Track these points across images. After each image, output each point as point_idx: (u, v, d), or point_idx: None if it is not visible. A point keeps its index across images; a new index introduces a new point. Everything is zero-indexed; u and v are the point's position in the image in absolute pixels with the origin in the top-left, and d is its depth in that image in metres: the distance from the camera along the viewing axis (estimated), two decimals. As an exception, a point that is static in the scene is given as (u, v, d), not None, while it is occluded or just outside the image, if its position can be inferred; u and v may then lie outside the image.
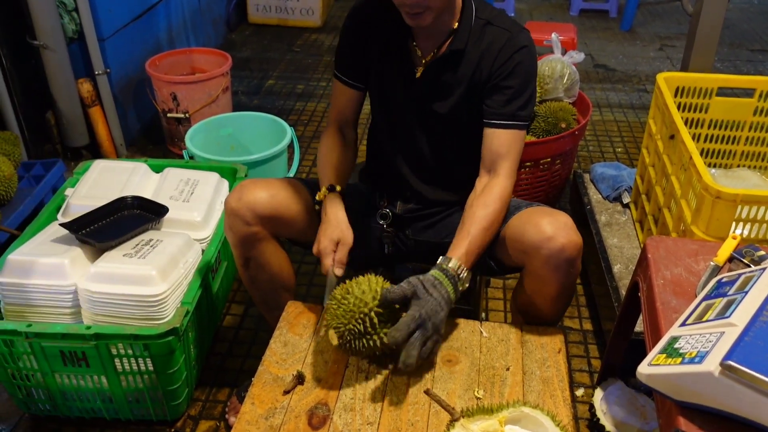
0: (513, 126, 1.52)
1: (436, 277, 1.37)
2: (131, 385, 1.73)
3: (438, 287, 1.35)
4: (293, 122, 3.45)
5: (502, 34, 1.51)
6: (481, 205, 1.50)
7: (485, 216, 1.48)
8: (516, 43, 1.50)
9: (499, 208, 1.51)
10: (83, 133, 2.96)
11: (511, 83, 1.50)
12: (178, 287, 1.74)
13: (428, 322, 1.30)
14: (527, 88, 1.52)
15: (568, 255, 1.42)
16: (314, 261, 2.47)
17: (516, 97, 1.51)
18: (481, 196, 1.52)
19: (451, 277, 1.39)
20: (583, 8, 5.23)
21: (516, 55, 1.49)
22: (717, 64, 4.31)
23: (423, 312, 1.30)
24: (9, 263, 1.72)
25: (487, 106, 1.53)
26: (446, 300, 1.35)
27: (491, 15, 1.54)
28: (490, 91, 1.52)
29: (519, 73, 1.50)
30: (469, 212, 1.51)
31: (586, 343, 2.15)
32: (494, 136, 1.52)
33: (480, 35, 1.52)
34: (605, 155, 3.23)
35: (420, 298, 1.32)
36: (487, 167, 1.55)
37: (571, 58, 2.67)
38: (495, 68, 1.50)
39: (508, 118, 1.51)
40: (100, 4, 2.83)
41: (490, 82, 1.52)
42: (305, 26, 4.77)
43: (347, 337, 1.33)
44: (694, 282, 1.34)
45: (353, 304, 1.32)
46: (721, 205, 1.61)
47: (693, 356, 1.02)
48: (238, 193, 1.56)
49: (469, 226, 1.47)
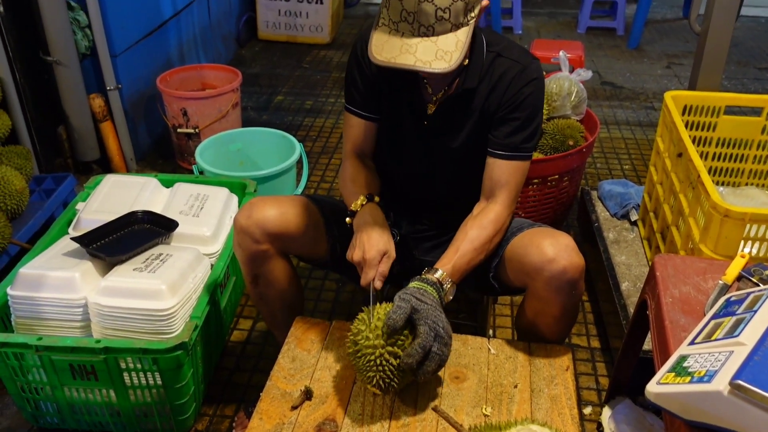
0: (515, 157, 1.52)
1: (419, 287, 1.37)
2: (139, 399, 1.73)
3: (426, 295, 1.35)
4: (302, 138, 3.48)
5: (513, 66, 1.50)
6: (475, 226, 1.51)
7: (477, 237, 1.49)
8: (526, 76, 1.49)
9: (492, 233, 1.51)
10: (94, 147, 2.99)
11: (519, 115, 1.50)
12: (187, 302, 1.75)
13: (439, 329, 1.31)
14: (534, 120, 1.52)
15: (570, 277, 1.42)
16: (321, 277, 2.49)
17: (521, 129, 1.51)
18: (476, 218, 1.53)
19: (433, 284, 1.39)
20: (591, 26, 5.26)
21: (526, 87, 1.49)
22: (724, 82, 4.32)
23: (430, 322, 1.30)
24: (20, 277, 1.73)
25: (492, 136, 1.53)
26: (438, 304, 1.36)
27: (501, 47, 1.52)
28: (497, 122, 1.52)
29: (527, 106, 1.50)
30: (461, 230, 1.52)
31: (594, 360, 2.14)
32: (495, 165, 1.53)
33: (490, 68, 1.51)
34: (613, 172, 3.24)
35: (419, 310, 1.32)
36: (486, 194, 1.56)
37: (578, 76, 2.69)
38: (504, 100, 1.50)
39: (511, 149, 1.52)
40: (112, 21, 2.87)
41: (498, 113, 1.51)
42: (314, 43, 4.81)
43: (382, 384, 1.32)
44: (702, 300, 1.34)
45: (366, 355, 1.31)
46: (729, 224, 1.61)
47: (702, 375, 1.02)
48: (247, 210, 1.57)
49: (459, 243, 1.48)
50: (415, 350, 1.27)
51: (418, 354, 1.27)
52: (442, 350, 1.30)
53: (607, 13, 5.48)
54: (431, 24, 1.27)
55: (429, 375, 1.31)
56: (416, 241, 1.73)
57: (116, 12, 2.89)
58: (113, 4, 2.87)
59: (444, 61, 1.28)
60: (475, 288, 1.71)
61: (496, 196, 1.53)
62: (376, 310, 1.35)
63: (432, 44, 1.28)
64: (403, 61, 1.28)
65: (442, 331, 1.31)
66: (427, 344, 1.28)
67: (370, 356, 1.30)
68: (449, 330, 1.34)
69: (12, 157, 2.49)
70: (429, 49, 1.28)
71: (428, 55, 1.28)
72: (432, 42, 1.28)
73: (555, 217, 2.57)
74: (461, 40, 1.30)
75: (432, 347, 1.29)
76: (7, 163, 2.44)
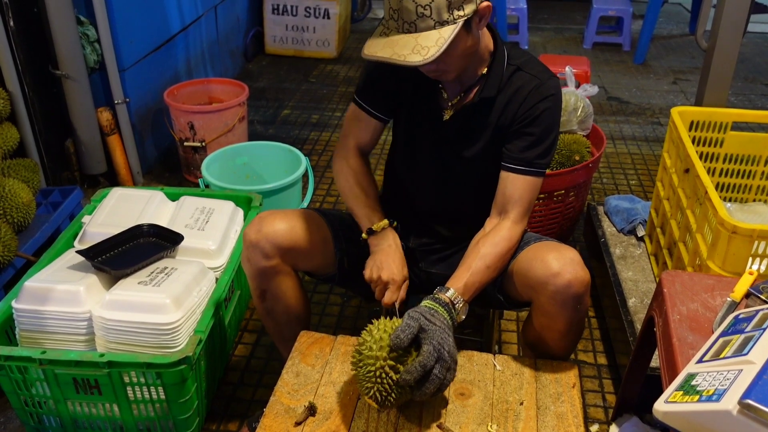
0: (529, 173, 1.52)
1: (431, 307, 1.36)
2: (143, 413, 1.72)
3: (436, 315, 1.34)
4: (308, 152, 3.49)
5: (531, 80, 1.50)
6: (487, 243, 1.50)
7: (490, 254, 1.48)
8: (543, 91, 1.50)
9: (505, 251, 1.51)
10: (101, 160, 3.00)
11: (534, 130, 1.50)
12: (192, 315, 1.75)
13: (444, 351, 1.29)
14: (549, 136, 1.52)
15: (575, 291, 1.41)
16: (326, 291, 2.48)
17: (536, 144, 1.50)
18: (489, 235, 1.52)
19: (445, 304, 1.38)
20: (597, 41, 5.27)
21: (542, 103, 1.49)
22: (731, 98, 4.31)
23: (435, 343, 1.29)
24: (25, 290, 1.73)
25: (507, 150, 1.53)
26: (448, 326, 1.35)
27: (522, 61, 1.53)
28: (512, 136, 1.52)
29: (543, 121, 1.50)
30: (474, 248, 1.51)
31: (600, 377, 2.12)
32: (509, 180, 1.52)
33: (509, 81, 1.51)
34: (619, 188, 3.23)
35: (426, 330, 1.30)
36: (498, 210, 1.55)
37: (584, 91, 2.69)
38: (520, 114, 1.50)
39: (525, 164, 1.51)
40: (121, 36, 2.90)
41: (513, 126, 1.51)
42: (321, 57, 4.84)
43: (379, 396, 1.30)
44: (710, 318, 1.33)
45: (367, 365, 1.30)
46: (737, 240, 1.60)
47: (710, 394, 1.01)
48: (257, 225, 1.56)
49: (471, 261, 1.48)
50: (414, 368, 1.26)
51: (416, 372, 1.26)
52: (443, 374, 1.29)
53: (613, 28, 5.49)
54: (413, 20, 1.30)
55: (426, 396, 1.30)
56: (423, 253, 1.73)
57: (125, 27, 2.92)
58: (122, 19, 2.89)
59: (419, 55, 1.29)
60: (481, 302, 1.70)
61: (509, 212, 1.53)
62: (384, 323, 1.34)
63: (412, 39, 1.31)
64: (381, 54, 1.32)
65: (447, 354, 1.29)
66: (427, 364, 1.27)
67: (370, 367, 1.29)
68: (454, 355, 1.32)
69: (19, 170, 2.50)
70: (408, 44, 1.31)
71: (405, 49, 1.30)
72: (413, 37, 1.31)
73: (561, 233, 2.56)
74: (443, 37, 1.30)
75: (433, 369, 1.28)
76: (14, 175, 2.45)
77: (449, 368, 1.30)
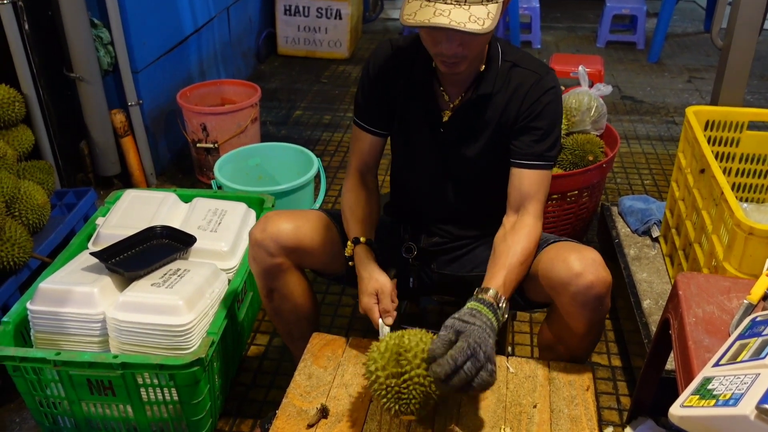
0: (541, 166, 1.51)
1: (473, 307, 1.33)
2: (156, 414, 1.73)
3: (477, 315, 1.30)
4: (320, 152, 3.49)
5: (529, 75, 1.50)
6: (516, 240, 1.48)
7: (521, 250, 1.47)
8: (544, 84, 1.50)
9: (532, 247, 1.49)
10: (115, 162, 3.02)
11: (540, 124, 1.50)
12: (204, 317, 1.75)
13: (479, 350, 1.24)
14: (554, 128, 1.52)
15: (597, 292, 1.40)
16: (338, 291, 2.48)
17: (544, 137, 1.50)
18: (512, 232, 1.50)
19: (489, 305, 1.34)
20: (610, 40, 5.23)
21: (544, 96, 1.49)
22: (747, 96, 4.26)
23: (471, 341, 1.24)
24: (40, 291, 1.75)
25: (515, 147, 1.52)
26: (491, 327, 1.30)
27: (517, 57, 1.53)
28: (518, 132, 1.51)
29: (547, 115, 1.50)
30: (503, 246, 1.49)
31: (615, 379, 2.10)
32: (523, 176, 1.51)
33: (507, 78, 1.51)
34: (633, 188, 3.20)
35: (463, 331, 1.27)
36: (514, 207, 1.53)
37: (598, 91, 2.67)
38: (523, 109, 1.50)
39: (536, 158, 1.51)
40: (134, 38, 2.91)
41: (518, 123, 1.51)
42: (333, 58, 4.84)
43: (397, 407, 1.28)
44: (727, 320, 1.31)
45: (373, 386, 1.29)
46: (754, 242, 1.58)
47: (727, 398, 1.00)
48: (262, 224, 1.57)
49: (504, 259, 1.45)
50: (446, 361, 1.22)
51: (448, 365, 1.22)
52: (472, 371, 1.23)
53: (626, 27, 5.45)
54: None
55: (452, 391, 1.24)
56: (434, 254, 1.72)
57: (138, 29, 2.94)
58: (135, 21, 2.91)
59: (477, 24, 1.28)
60: None
61: (527, 207, 1.51)
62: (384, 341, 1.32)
63: (465, 11, 1.29)
64: (437, 21, 1.29)
65: (482, 354, 1.24)
66: (458, 357, 1.22)
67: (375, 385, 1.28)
68: (492, 356, 1.26)
69: (35, 172, 2.52)
70: (462, 14, 1.29)
71: (462, 18, 1.29)
72: (465, 9, 1.30)
73: (574, 233, 2.54)
74: (492, 12, 1.30)
75: (465, 364, 1.23)
76: (29, 177, 2.47)
77: (481, 367, 1.24)
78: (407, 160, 1.68)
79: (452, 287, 1.75)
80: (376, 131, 1.65)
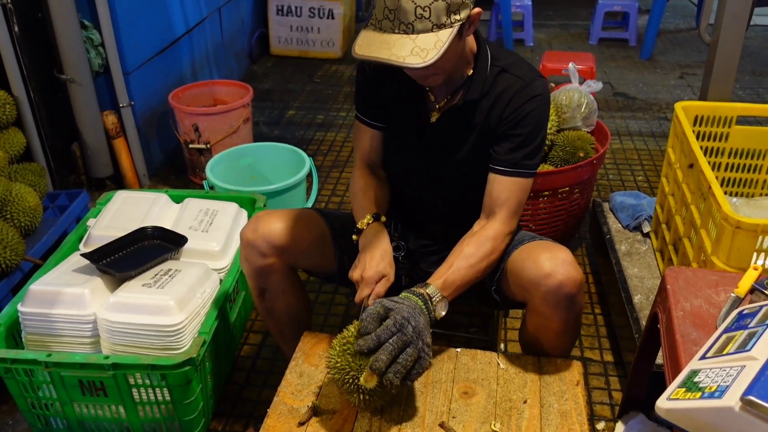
0: (516, 174, 1.50)
1: (404, 296, 1.36)
2: (148, 415, 1.73)
3: (406, 300, 1.33)
4: (313, 152, 3.49)
5: (516, 82, 1.49)
6: (472, 243, 1.49)
7: (473, 254, 1.47)
8: (529, 92, 1.48)
9: (489, 251, 1.49)
10: (107, 163, 3.02)
11: (520, 131, 1.49)
12: (196, 317, 1.76)
13: (407, 325, 1.26)
14: (536, 137, 1.50)
15: (567, 291, 1.40)
16: (331, 291, 2.48)
17: (523, 145, 1.49)
18: (474, 235, 1.51)
19: (420, 295, 1.36)
20: (603, 37, 5.24)
21: (528, 104, 1.48)
22: (739, 91, 4.27)
23: (398, 316, 1.26)
24: (30, 293, 1.75)
25: (494, 152, 1.52)
26: (420, 310, 1.32)
27: (507, 62, 1.51)
28: (498, 138, 1.51)
29: (529, 122, 1.48)
30: (458, 247, 1.50)
31: (606, 374, 2.11)
32: (496, 182, 1.51)
33: (494, 83, 1.50)
34: (626, 184, 3.21)
35: (393, 309, 1.29)
36: (486, 212, 1.54)
37: (588, 87, 2.67)
38: (505, 116, 1.49)
39: (511, 165, 1.50)
40: (125, 39, 2.91)
41: (500, 128, 1.50)
42: (326, 57, 4.84)
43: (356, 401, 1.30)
44: (714, 314, 1.32)
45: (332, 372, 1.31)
46: (741, 236, 1.58)
47: (713, 391, 1.00)
48: (253, 224, 1.57)
49: (453, 259, 1.47)
50: (370, 337, 1.24)
51: (371, 341, 1.24)
52: (402, 340, 1.24)
53: (619, 24, 5.46)
54: (411, 21, 1.28)
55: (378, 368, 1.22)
56: (423, 254, 1.73)
57: (129, 30, 2.93)
58: (126, 22, 2.90)
59: (419, 57, 1.27)
60: (477, 302, 1.70)
61: (496, 213, 1.52)
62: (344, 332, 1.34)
63: (410, 41, 1.28)
64: (378, 54, 1.29)
65: (411, 329, 1.25)
66: (382, 335, 1.24)
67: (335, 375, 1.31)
68: (425, 337, 1.27)
69: (26, 174, 2.52)
70: (406, 45, 1.28)
71: (404, 51, 1.28)
72: (410, 39, 1.29)
73: (566, 230, 2.55)
74: (441, 40, 1.29)
75: (391, 338, 1.24)
76: (21, 180, 2.47)
77: (411, 343, 1.25)
78: (396, 160, 1.68)
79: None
80: (375, 124, 1.65)
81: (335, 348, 1.33)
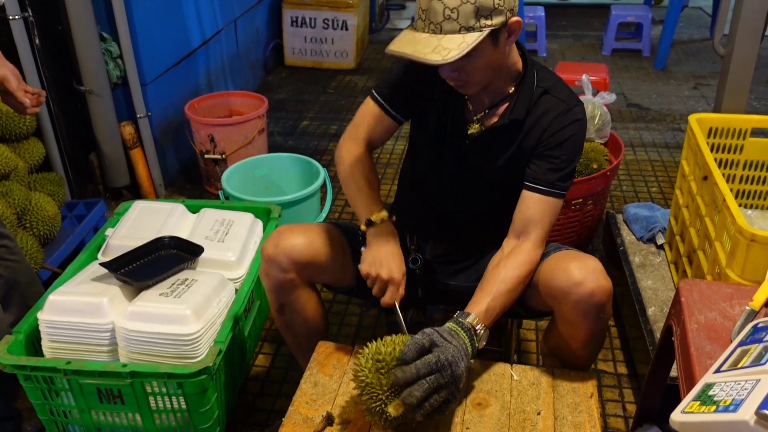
0: (551, 194, 1.50)
1: (452, 329, 1.34)
2: (164, 423, 1.75)
3: (455, 337, 1.32)
4: (327, 162, 3.51)
5: (558, 104, 1.50)
6: (509, 266, 1.48)
7: (511, 278, 1.46)
8: (570, 116, 1.49)
9: (525, 275, 1.49)
10: (124, 173, 3.06)
11: (559, 154, 1.50)
12: (212, 326, 1.77)
13: (447, 368, 1.25)
14: (572, 161, 1.51)
15: (598, 300, 1.41)
16: (345, 301, 2.49)
17: (560, 168, 1.50)
18: (509, 257, 1.50)
19: (467, 329, 1.35)
20: (616, 48, 5.24)
21: (568, 128, 1.49)
22: (754, 102, 4.26)
23: (443, 357, 1.25)
24: (50, 301, 1.77)
25: (530, 170, 1.52)
26: (465, 351, 1.31)
27: (550, 84, 1.52)
28: (536, 157, 1.51)
29: (568, 147, 1.49)
30: (494, 271, 1.49)
31: (620, 387, 2.11)
32: (531, 200, 1.51)
33: (537, 103, 1.51)
34: (639, 195, 3.20)
35: (439, 345, 1.28)
36: (516, 231, 1.53)
37: (602, 99, 2.68)
38: (545, 137, 1.50)
39: (548, 185, 1.50)
40: (143, 51, 2.96)
41: (538, 148, 1.51)
42: (339, 68, 4.88)
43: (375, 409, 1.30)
44: (729, 327, 1.32)
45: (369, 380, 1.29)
46: (756, 248, 1.58)
47: (728, 404, 1.00)
48: (275, 239, 1.58)
49: (492, 286, 1.45)
50: (409, 369, 1.22)
51: (409, 373, 1.22)
52: (438, 381, 1.23)
53: (632, 34, 5.46)
54: (439, 22, 1.30)
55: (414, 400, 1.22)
56: (441, 265, 1.73)
57: (147, 42, 2.98)
58: (144, 34, 2.95)
59: (439, 56, 1.29)
60: None
61: (529, 233, 1.51)
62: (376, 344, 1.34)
63: (435, 40, 1.31)
64: (403, 50, 1.32)
65: (449, 373, 1.24)
66: (421, 370, 1.22)
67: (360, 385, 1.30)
68: (459, 378, 1.27)
69: (45, 184, 2.56)
70: (430, 43, 1.30)
71: (427, 48, 1.30)
72: (437, 38, 1.31)
73: (579, 241, 2.55)
74: (466, 42, 1.29)
75: (428, 377, 1.23)
76: (40, 189, 2.51)
77: (445, 386, 1.25)
78: (431, 163, 1.65)
79: (458, 297, 1.76)
80: (396, 115, 1.63)
81: (368, 360, 1.30)
